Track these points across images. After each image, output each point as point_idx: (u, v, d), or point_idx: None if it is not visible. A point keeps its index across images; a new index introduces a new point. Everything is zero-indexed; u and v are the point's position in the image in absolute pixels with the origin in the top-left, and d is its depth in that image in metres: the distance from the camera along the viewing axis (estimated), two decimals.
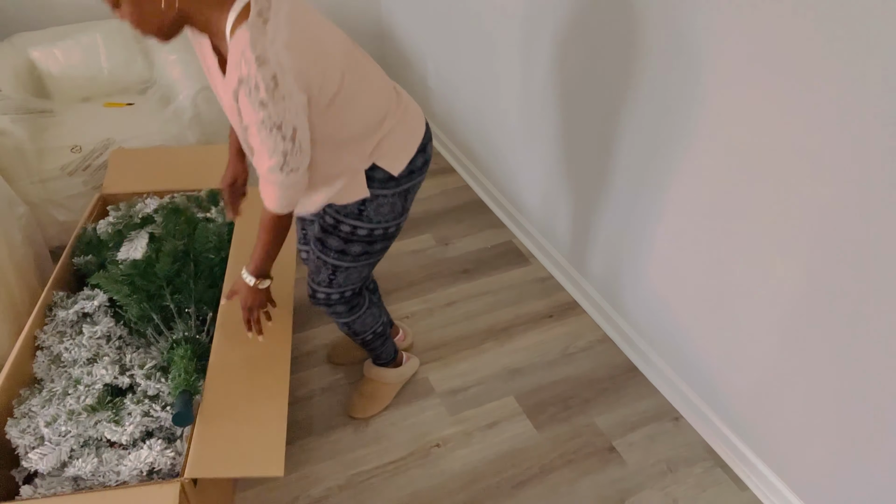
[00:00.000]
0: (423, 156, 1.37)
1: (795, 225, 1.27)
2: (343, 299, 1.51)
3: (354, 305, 1.55)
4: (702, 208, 1.51)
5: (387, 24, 3.34)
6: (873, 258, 1.14)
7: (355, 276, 1.46)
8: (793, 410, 1.42)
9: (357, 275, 1.46)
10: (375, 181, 1.31)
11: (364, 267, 1.45)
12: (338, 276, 1.44)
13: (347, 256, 1.40)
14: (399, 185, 1.34)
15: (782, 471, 1.51)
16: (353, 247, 1.39)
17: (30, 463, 1.27)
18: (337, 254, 1.40)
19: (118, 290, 1.55)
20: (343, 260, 1.41)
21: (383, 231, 1.38)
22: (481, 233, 2.52)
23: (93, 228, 1.82)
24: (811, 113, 1.16)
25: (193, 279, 1.64)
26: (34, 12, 2.65)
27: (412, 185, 1.37)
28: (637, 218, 1.75)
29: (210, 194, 1.97)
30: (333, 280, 1.45)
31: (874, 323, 1.17)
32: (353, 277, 1.46)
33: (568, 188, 2.06)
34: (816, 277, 1.26)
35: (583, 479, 1.63)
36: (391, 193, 1.33)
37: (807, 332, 1.32)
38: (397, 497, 1.60)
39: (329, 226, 1.38)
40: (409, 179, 1.35)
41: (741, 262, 1.44)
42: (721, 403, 1.65)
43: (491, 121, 2.46)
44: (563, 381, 1.90)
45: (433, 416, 1.80)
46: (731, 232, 1.44)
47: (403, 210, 1.39)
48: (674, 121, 1.50)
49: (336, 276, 1.44)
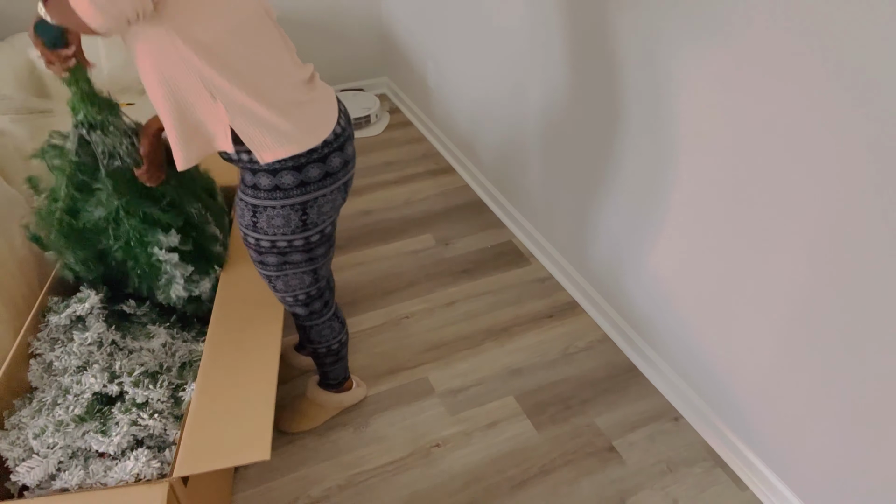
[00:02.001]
0: (319, 166, 1.19)
1: (796, 226, 1.27)
2: (298, 302, 1.43)
3: (313, 311, 1.48)
4: (703, 209, 1.51)
5: (387, 24, 3.34)
6: (875, 258, 1.14)
7: (295, 283, 1.37)
8: (793, 410, 1.42)
9: (297, 281, 1.37)
10: (261, 189, 1.18)
11: (294, 276, 1.35)
12: (274, 283, 1.37)
13: (268, 266, 1.32)
14: (288, 196, 1.18)
15: (782, 471, 1.51)
16: (267, 258, 1.30)
17: (18, 476, 1.25)
18: (258, 264, 1.33)
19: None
20: (267, 269, 1.33)
21: (287, 243, 1.26)
22: (481, 233, 2.52)
23: None
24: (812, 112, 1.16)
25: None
26: (34, 13, 2.65)
27: (309, 198, 1.20)
28: (637, 218, 1.75)
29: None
30: (275, 287, 1.39)
31: (875, 323, 1.17)
32: (293, 284, 1.37)
33: (569, 188, 2.06)
34: (818, 277, 1.26)
35: (583, 479, 1.64)
36: (279, 205, 1.19)
37: (807, 332, 1.32)
38: (397, 497, 1.60)
39: (242, 238, 1.31)
40: (303, 191, 1.19)
41: (742, 261, 1.44)
42: (721, 403, 1.65)
43: (491, 120, 2.46)
44: (563, 381, 1.90)
45: (433, 416, 1.80)
46: (733, 232, 1.44)
47: (305, 225, 1.24)
48: (678, 124, 1.50)
49: (273, 283, 1.38)
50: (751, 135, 1.30)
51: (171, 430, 1.33)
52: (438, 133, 3.06)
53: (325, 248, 1.36)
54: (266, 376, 1.38)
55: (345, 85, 3.56)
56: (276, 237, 1.25)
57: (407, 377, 1.92)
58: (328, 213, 1.27)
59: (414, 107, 3.33)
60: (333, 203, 1.27)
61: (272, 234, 1.25)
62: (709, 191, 1.47)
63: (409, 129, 3.31)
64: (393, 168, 2.96)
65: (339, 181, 1.25)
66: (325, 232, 1.31)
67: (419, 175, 2.91)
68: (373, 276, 2.30)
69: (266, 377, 1.37)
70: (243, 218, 1.25)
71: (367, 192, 2.79)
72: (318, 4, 3.21)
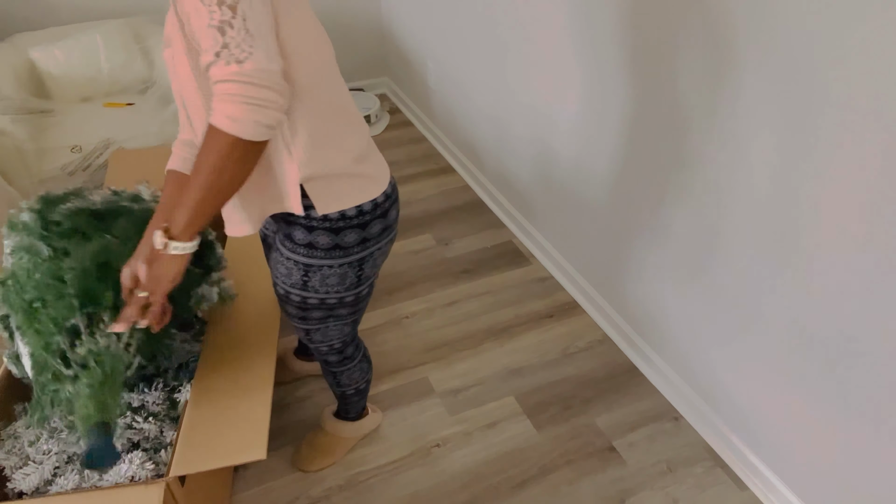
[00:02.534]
0: (382, 221, 1.14)
1: (797, 225, 1.27)
2: (333, 350, 1.38)
3: (346, 357, 1.43)
4: (703, 207, 1.51)
5: (387, 23, 3.34)
6: (877, 257, 1.14)
7: (334, 334, 1.31)
8: (793, 410, 1.42)
9: (336, 332, 1.31)
10: (318, 248, 1.10)
11: (335, 328, 1.30)
12: (311, 335, 1.31)
13: (311, 321, 1.26)
14: (348, 255, 1.12)
15: (782, 471, 1.51)
16: (312, 313, 1.23)
17: (14, 483, 1.25)
18: (298, 320, 1.26)
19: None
20: (308, 324, 1.27)
21: (338, 300, 1.20)
22: (481, 233, 2.52)
23: None
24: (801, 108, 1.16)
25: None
26: (34, 12, 2.65)
27: (366, 254, 1.15)
28: (638, 218, 1.75)
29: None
30: (311, 339, 1.33)
31: (876, 323, 1.17)
32: (332, 335, 1.31)
33: (569, 187, 2.06)
34: (819, 276, 1.26)
35: (583, 479, 1.63)
36: (337, 264, 1.13)
37: (808, 332, 1.32)
38: (397, 497, 1.60)
39: (279, 295, 1.23)
40: (362, 248, 1.13)
41: (742, 260, 1.44)
42: (721, 403, 1.65)
43: (491, 120, 2.46)
44: (563, 381, 1.90)
45: (433, 416, 1.80)
46: (733, 230, 1.44)
47: (359, 280, 1.19)
48: (684, 130, 1.50)
49: (310, 335, 1.32)
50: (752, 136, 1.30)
51: (168, 432, 1.33)
52: (438, 133, 3.06)
53: (369, 299, 1.31)
54: (263, 376, 1.38)
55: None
56: (328, 295, 1.18)
57: (407, 377, 1.91)
58: (380, 265, 1.22)
59: (414, 107, 3.33)
60: (385, 255, 1.22)
61: (324, 293, 1.17)
62: (712, 189, 1.46)
63: (409, 129, 3.31)
64: (393, 168, 2.96)
65: (394, 232, 1.19)
66: (373, 284, 1.26)
67: (419, 175, 2.91)
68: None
69: (263, 377, 1.37)
70: (290, 277, 1.15)
71: None
72: (317, 4, 3.21)
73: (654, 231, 1.70)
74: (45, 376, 1.18)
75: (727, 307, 1.52)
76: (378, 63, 3.57)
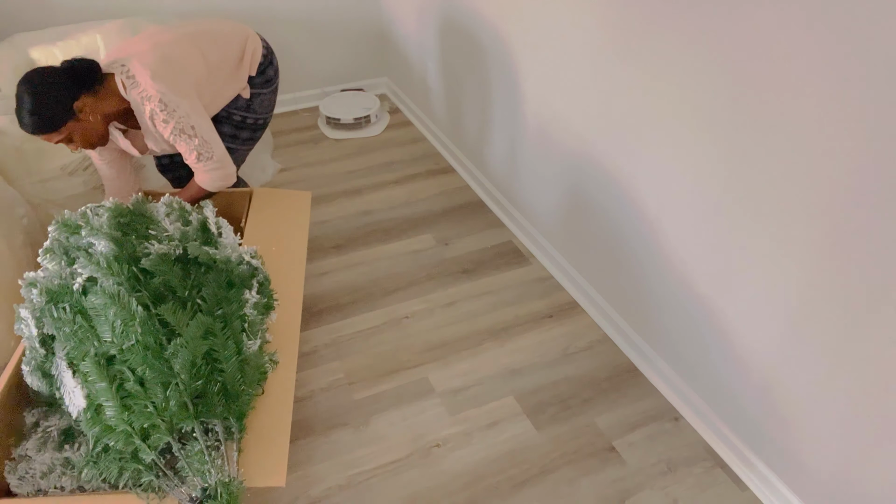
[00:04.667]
0: (272, 67, 2.02)
1: (797, 225, 1.27)
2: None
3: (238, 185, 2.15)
4: (703, 205, 1.51)
5: (387, 24, 3.34)
6: (879, 257, 1.14)
7: (241, 158, 2.11)
8: (793, 410, 1.42)
9: (241, 157, 2.11)
10: (255, 84, 1.98)
11: (246, 151, 2.10)
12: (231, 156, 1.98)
13: (237, 140, 2.02)
14: (270, 84, 2.02)
15: (782, 471, 1.51)
16: (242, 132, 2.02)
17: None
18: (229, 138, 1.99)
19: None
20: (234, 143, 2.01)
21: (263, 121, 2.07)
22: (481, 233, 2.52)
23: None
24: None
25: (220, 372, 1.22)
26: (34, 12, 2.65)
27: (276, 85, 2.05)
28: (638, 218, 1.75)
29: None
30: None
31: (877, 322, 1.17)
32: (240, 159, 2.10)
33: (569, 188, 2.06)
34: (820, 276, 1.26)
35: (583, 479, 1.64)
36: (269, 91, 2.02)
37: (808, 332, 1.32)
38: (397, 497, 1.60)
39: (222, 117, 1.96)
40: (275, 80, 2.04)
41: (742, 260, 1.44)
42: (721, 403, 1.65)
43: (491, 120, 2.46)
44: (563, 381, 1.90)
45: (433, 416, 1.80)
46: (734, 229, 1.44)
47: (271, 106, 2.08)
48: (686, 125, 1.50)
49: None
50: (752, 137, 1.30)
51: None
52: (438, 133, 3.06)
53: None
54: (283, 401, 1.38)
55: (345, 85, 3.56)
56: (267, 115, 2.10)
57: (407, 377, 1.91)
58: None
59: (414, 107, 3.32)
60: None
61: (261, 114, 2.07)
62: (713, 185, 1.47)
63: (409, 129, 3.31)
64: (393, 168, 2.96)
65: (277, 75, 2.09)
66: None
67: (419, 175, 2.91)
68: (373, 276, 2.30)
69: (282, 402, 1.38)
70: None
71: (367, 192, 2.79)
72: (318, 4, 3.21)
73: (653, 231, 1.70)
74: (122, 448, 1.16)
75: (727, 307, 1.52)
76: (378, 63, 3.57)
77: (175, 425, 1.15)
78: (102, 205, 1.44)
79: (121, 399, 1.15)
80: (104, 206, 1.44)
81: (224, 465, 1.16)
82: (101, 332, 1.19)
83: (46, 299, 1.28)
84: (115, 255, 1.26)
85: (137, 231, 1.38)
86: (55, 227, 1.38)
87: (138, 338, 1.17)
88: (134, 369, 1.16)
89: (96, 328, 1.19)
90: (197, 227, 1.48)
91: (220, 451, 1.17)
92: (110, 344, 1.18)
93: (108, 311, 1.19)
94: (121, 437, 1.15)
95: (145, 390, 1.15)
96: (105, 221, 1.35)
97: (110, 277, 1.23)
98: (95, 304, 1.21)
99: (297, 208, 1.97)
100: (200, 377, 1.17)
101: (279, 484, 1.22)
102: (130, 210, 1.45)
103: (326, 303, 2.16)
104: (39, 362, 1.29)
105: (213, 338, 1.23)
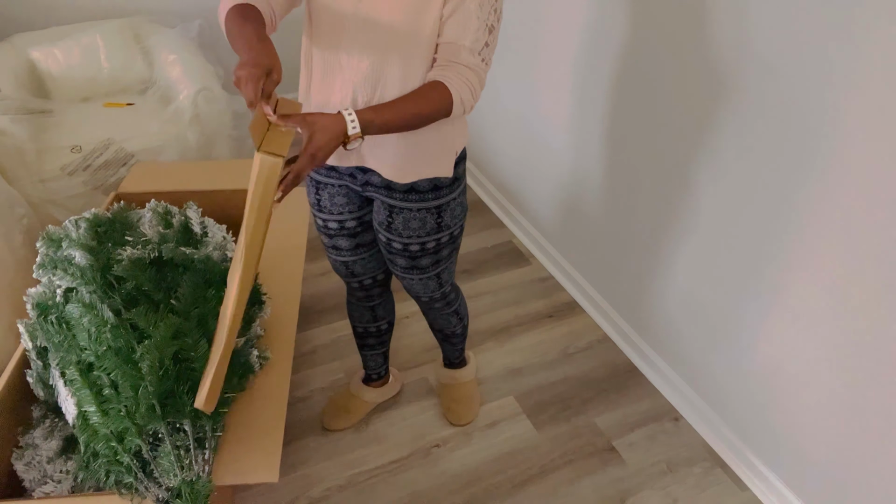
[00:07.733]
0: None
1: (798, 224, 1.27)
2: (453, 287, 1.55)
3: (456, 286, 1.59)
4: (703, 208, 1.51)
5: None
6: (881, 259, 1.14)
7: (454, 266, 1.50)
8: (793, 410, 1.42)
9: (454, 264, 1.50)
10: (443, 188, 1.26)
11: (455, 258, 1.47)
12: (442, 276, 1.45)
13: (442, 262, 1.41)
14: (461, 183, 1.32)
15: (782, 471, 1.51)
16: (443, 252, 1.38)
17: (38, 495, 1.25)
18: (433, 266, 1.41)
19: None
20: (440, 266, 1.42)
21: (460, 228, 1.39)
22: (481, 233, 2.52)
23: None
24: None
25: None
26: (34, 12, 2.65)
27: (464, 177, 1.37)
28: (639, 219, 1.75)
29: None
30: (441, 281, 1.47)
31: (877, 322, 1.17)
32: (453, 268, 1.50)
33: (569, 188, 2.06)
34: (821, 275, 1.26)
35: (583, 479, 1.64)
36: (457, 194, 1.31)
37: (808, 332, 1.32)
38: (397, 497, 1.60)
39: (410, 253, 1.35)
40: (463, 172, 1.33)
41: (741, 260, 1.44)
42: (721, 403, 1.65)
43: (491, 121, 2.46)
44: (563, 381, 1.90)
45: (433, 416, 1.80)
46: (734, 229, 1.44)
47: (464, 203, 1.37)
48: (691, 132, 1.50)
49: (441, 277, 1.46)
50: (762, 140, 1.30)
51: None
52: None
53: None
54: (277, 396, 1.37)
55: None
56: (455, 226, 1.36)
57: (407, 377, 1.91)
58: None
59: None
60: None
61: (454, 225, 1.34)
62: (716, 193, 1.47)
63: None
64: None
65: None
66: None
67: None
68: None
69: (277, 397, 1.37)
70: (425, 225, 1.29)
71: None
72: None
73: (653, 231, 1.70)
74: (105, 452, 1.17)
75: (727, 306, 1.52)
76: None
77: (144, 427, 1.16)
78: (83, 216, 1.45)
79: (100, 404, 1.18)
80: (84, 216, 1.45)
81: (192, 464, 1.16)
82: (80, 341, 1.23)
83: (37, 313, 1.31)
84: (90, 265, 1.29)
85: (114, 239, 1.40)
86: (42, 242, 1.40)
87: (109, 343, 1.19)
88: (109, 374, 1.19)
89: (76, 337, 1.23)
90: (178, 230, 1.48)
91: (190, 450, 1.18)
92: (88, 352, 1.21)
93: (83, 319, 1.23)
94: (102, 441, 1.18)
95: (118, 395, 1.18)
96: (82, 233, 1.37)
97: (83, 287, 1.27)
98: (73, 313, 1.24)
99: (297, 207, 1.97)
100: (169, 378, 1.19)
101: (272, 480, 1.21)
102: (110, 218, 1.46)
103: (326, 303, 2.16)
104: (39, 373, 1.33)
105: (184, 337, 1.24)
